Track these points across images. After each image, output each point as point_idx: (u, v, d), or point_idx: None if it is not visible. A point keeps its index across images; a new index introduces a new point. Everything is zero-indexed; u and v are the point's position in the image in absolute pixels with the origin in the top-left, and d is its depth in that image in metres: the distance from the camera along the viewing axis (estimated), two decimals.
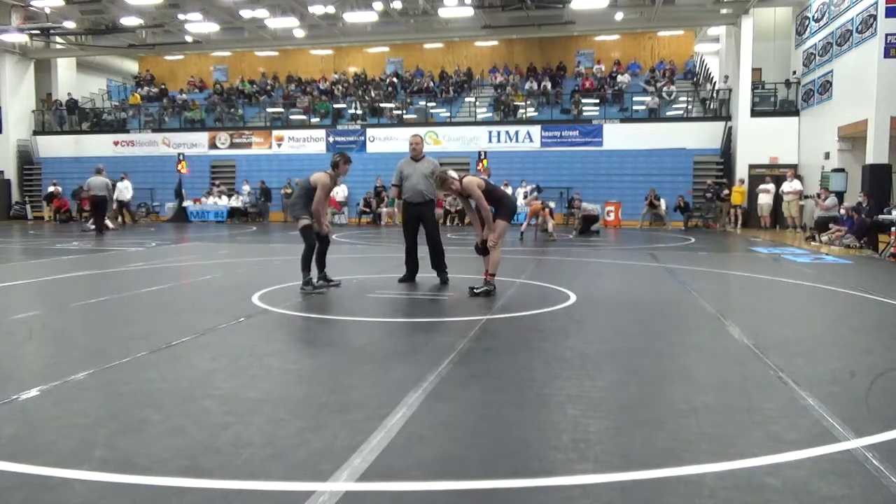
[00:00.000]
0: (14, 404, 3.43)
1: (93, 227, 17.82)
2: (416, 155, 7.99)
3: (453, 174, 7.09)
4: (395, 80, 28.34)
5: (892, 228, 12.33)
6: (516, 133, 24.06)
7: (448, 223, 20.72)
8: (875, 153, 15.90)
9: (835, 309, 7.00)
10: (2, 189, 26.90)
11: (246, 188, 24.77)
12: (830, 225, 15.30)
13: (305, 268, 7.30)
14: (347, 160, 7.56)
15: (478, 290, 6.98)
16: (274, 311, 6.15)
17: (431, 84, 27.43)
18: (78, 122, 28.26)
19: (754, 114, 21.54)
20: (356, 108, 26.46)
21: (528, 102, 25.35)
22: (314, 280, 7.39)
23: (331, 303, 6.83)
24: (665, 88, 24.37)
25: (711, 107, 23.75)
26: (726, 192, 21.00)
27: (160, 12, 23.98)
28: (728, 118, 22.56)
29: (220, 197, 24.82)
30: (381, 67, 30.34)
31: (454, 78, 27.83)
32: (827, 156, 18.75)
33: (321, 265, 7.63)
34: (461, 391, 3.75)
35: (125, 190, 21.16)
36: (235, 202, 24.60)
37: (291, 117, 26.89)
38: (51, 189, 25.14)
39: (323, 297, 7.10)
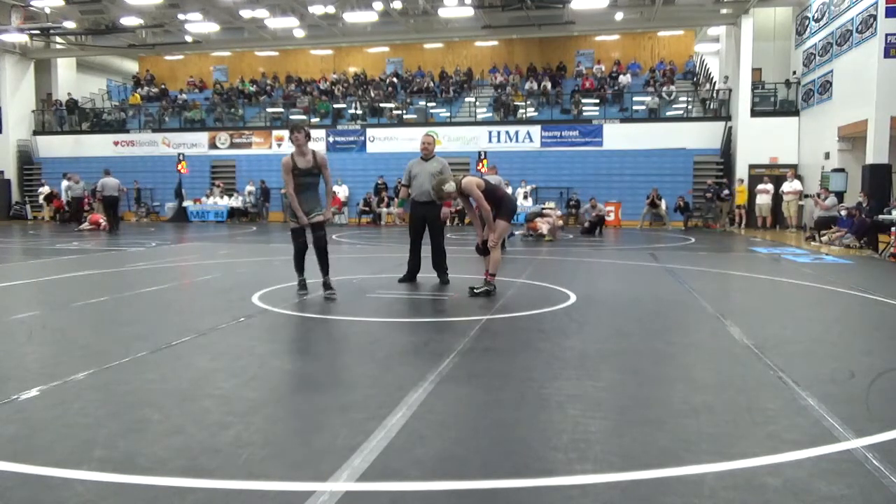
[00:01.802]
0: (14, 404, 3.43)
1: (91, 226, 18.55)
2: (427, 155, 8.00)
3: (451, 186, 6.96)
4: (395, 80, 28.34)
5: (892, 228, 12.32)
6: (516, 133, 24.08)
7: (449, 223, 20.69)
8: (875, 153, 15.91)
9: (835, 309, 7.00)
10: (2, 189, 26.91)
11: (250, 188, 24.80)
12: (832, 227, 15.30)
13: (297, 269, 7.09)
14: (292, 129, 6.88)
15: (478, 290, 6.98)
16: (274, 311, 6.15)
17: (431, 84, 27.44)
18: (78, 122, 28.27)
19: (754, 114, 21.55)
20: (356, 108, 26.47)
21: (528, 102, 25.36)
22: (307, 281, 7.11)
23: (331, 303, 6.83)
24: (665, 88, 24.37)
25: (711, 107, 23.76)
26: (726, 192, 21.00)
27: (160, 12, 23.99)
28: (728, 118, 22.56)
29: (220, 197, 24.83)
30: (381, 67, 30.35)
31: (454, 78, 27.84)
32: (827, 156, 18.76)
33: (323, 268, 6.99)
34: (461, 391, 3.75)
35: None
36: (235, 202, 24.61)
37: (291, 117, 26.90)
38: (42, 189, 25.23)
39: (323, 297, 7.08)
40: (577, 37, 27.80)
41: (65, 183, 21.84)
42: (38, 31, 24.70)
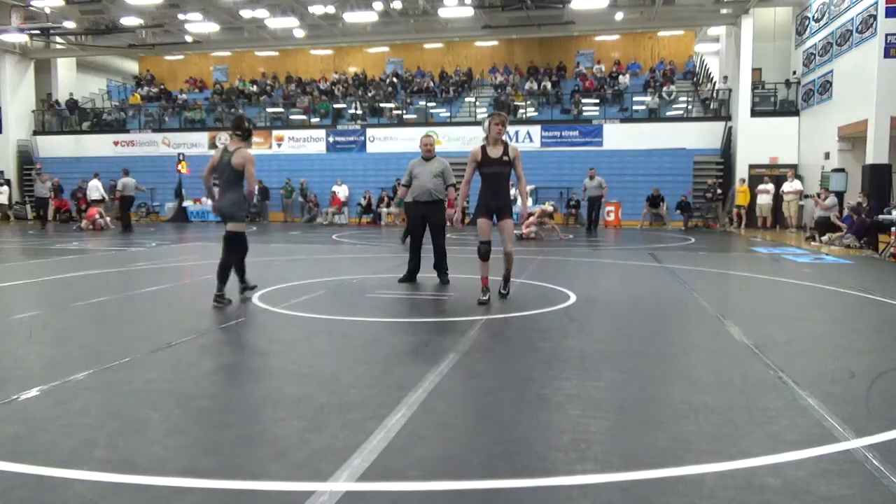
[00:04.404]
0: (14, 404, 3.43)
1: (91, 227, 18.75)
2: (428, 155, 8.01)
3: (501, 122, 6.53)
4: (395, 80, 28.34)
5: (892, 228, 12.33)
6: (516, 133, 24.05)
7: (450, 223, 20.56)
8: (875, 153, 15.91)
9: (835, 309, 7.00)
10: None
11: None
12: (832, 217, 15.31)
13: (224, 278, 6.48)
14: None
15: (504, 292, 6.85)
16: (274, 311, 6.15)
17: (431, 84, 27.44)
18: (78, 122, 28.26)
19: (754, 114, 21.55)
20: (356, 108, 26.47)
21: (528, 102, 25.35)
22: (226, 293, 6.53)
23: (331, 303, 6.83)
24: (665, 88, 24.38)
25: (711, 107, 23.76)
26: (719, 191, 21.08)
27: (160, 12, 24.00)
28: (728, 118, 22.56)
29: None
30: (381, 67, 30.35)
31: (454, 78, 27.84)
32: (827, 156, 18.76)
33: (243, 274, 6.81)
34: (461, 391, 3.75)
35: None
36: None
37: (291, 117, 26.90)
38: (1, 189, 25.21)
39: (323, 297, 7.10)
40: (577, 37, 27.79)
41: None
42: (38, 31, 24.69)
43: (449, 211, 7.92)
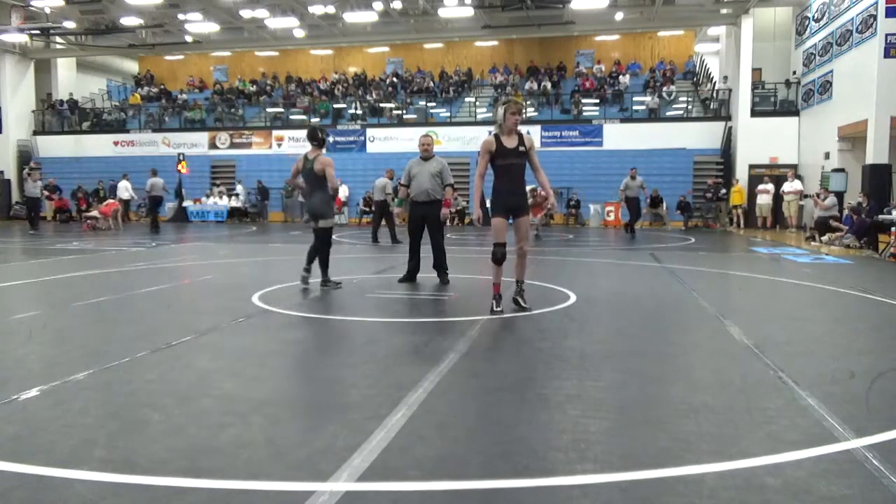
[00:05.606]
0: (14, 404, 3.43)
1: (91, 224, 18.93)
2: (427, 155, 8.01)
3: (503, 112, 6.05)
4: (395, 80, 28.35)
5: (892, 228, 12.33)
6: None
7: (448, 223, 20.67)
8: (875, 153, 15.92)
9: (835, 309, 7.00)
10: (2, 189, 26.90)
11: (240, 188, 24.77)
12: (832, 222, 15.32)
13: (327, 266, 7.58)
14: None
15: (525, 305, 6.16)
16: (274, 311, 6.15)
17: (431, 84, 27.45)
18: (78, 122, 28.28)
19: (754, 114, 21.56)
20: (356, 108, 26.47)
21: (529, 102, 25.35)
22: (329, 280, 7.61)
23: (331, 303, 6.84)
24: (665, 88, 24.38)
25: (711, 107, 23.78)
26: (723, 191, 21.07)
27: (160, 12, 24.01)
28: (728, 118, 22.57)
29: (220, 197, 24.83)
30: (381, 67, 30.36)
31: (454, 78, 27.84)
32: (827, 156, 18.77)
33: (311, 262, 7.66)
34: (461, 391, 3.75)
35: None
36: (235, 202, 24.61)
37: (291, 117, 26.91)
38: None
39: (323, 296, 7.10)
40: (577, 37, 27.80)
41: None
42: (38, 31, 24.71)
43: (444, 210, 7.94)
